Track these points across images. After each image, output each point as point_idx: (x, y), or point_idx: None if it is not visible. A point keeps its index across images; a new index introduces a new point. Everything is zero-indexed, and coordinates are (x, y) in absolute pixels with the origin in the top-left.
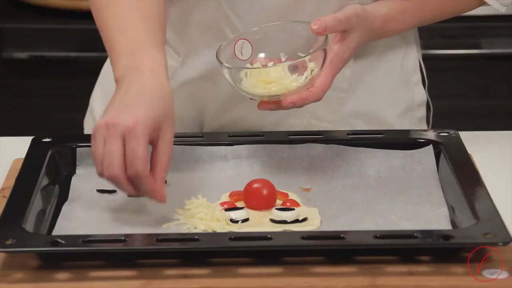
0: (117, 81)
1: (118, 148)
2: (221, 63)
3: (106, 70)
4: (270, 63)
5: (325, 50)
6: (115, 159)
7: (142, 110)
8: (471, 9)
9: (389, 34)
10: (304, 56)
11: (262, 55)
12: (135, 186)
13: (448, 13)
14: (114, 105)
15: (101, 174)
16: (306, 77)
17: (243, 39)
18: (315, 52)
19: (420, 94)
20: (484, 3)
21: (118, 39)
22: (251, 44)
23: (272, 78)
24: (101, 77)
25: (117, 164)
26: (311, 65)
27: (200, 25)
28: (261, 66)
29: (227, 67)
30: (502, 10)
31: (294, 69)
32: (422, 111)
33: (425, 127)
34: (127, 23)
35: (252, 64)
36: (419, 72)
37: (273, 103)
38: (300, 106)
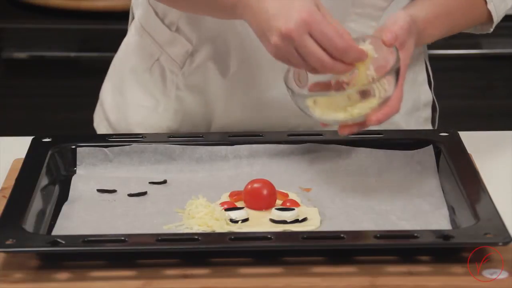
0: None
1: (313, 44)
2: (292, 92)
3: (115, 63)
4: (345, 89)
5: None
6: (316, 55)
7: (301, 1)
8: (481, 21)
9: (428, 40)
10: (383, 76)
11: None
12: (345, 61)
13: (471, 22)
14: (268, 20)
15: (312, 72)
16: (380, 93)
17: None
18: (391, 71)
19: (426, 94)
20: (490, 15)
21: None
22: (306, 72)
23: (352, 100)
24: (110, 70)
25: (321, 57)
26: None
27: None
28: (353, 90)
29: (303, 95)
30: (491, 28)
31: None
32: (428, 112)
33: (430, 127)
34: None
35: (310, 91)
36: (425, 72)
37: (356, 125)
38: (382, 122)
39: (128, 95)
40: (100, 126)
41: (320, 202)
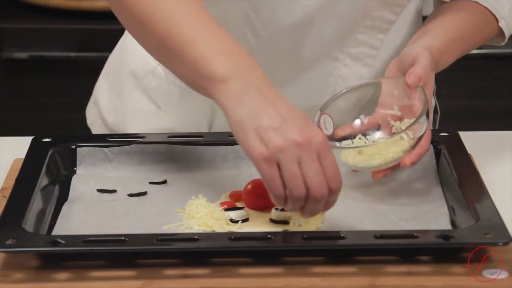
0: (223, 79)
1: (319, 167)
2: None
3: (111, 63)
4: (380, 137)
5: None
6: (321, 178)
7: (315, 126)
8: (491, 37)
9: (442, 67)
10: (415, 122)
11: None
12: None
13: (483, 40)
14: (277, 121)
15: (299, 198)
16: (407, 134)
17: (325, 113)
18: (421, 116)
19: None
20: (501, 30)
21: (203, 34)
22: (331, 118)
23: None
24: (106, 69)
25: (324, 182)
26: (406, 120)
27: (219, 21)
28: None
29: (341, 147)
30: (502, 42)
31: (379, 128)
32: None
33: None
34: (199, 17)
35: (336, 136)
36: None
37: (390, 169)
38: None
39: (126, 98)
40: (95, 125)
41: None
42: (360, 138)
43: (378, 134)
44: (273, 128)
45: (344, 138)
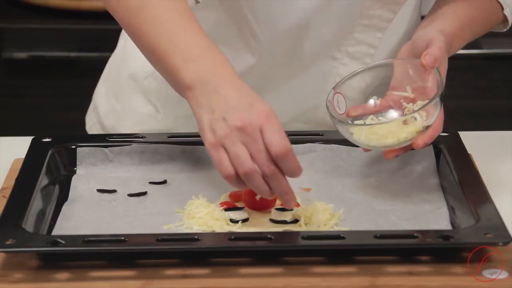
0: (189, 87)
1: (262, 145)
2: (336, 120)
3: (111, 67)
4: (394, 116)
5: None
6: (265, 154)
7: (262, 104)
8: (496, 24)
9: (453, 52)
10: (429, 102)
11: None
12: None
13: (489, 27)
14: (224, 111)
15: (247, 174)
16: (421, 115)
17: (338, 93)
18: (436, 97)
19: None
20: (505, 18)
21: (176, 42)
22: (344, 98)
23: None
24: (105, 74)
25: (266, 158)
26: (419, 102)
27: (219, 24)
28: (398, 118)
29: (347, 124)
30: (504, 28)
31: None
32: None
33: None
34: (177, 25)
35: (348, 116)
36: None
37: (402, 149)
38: (428, 145)
39: (125, 101)
40: (93, 129)
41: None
42: (372, 119)
43: (390, 116)
44: (221, 118)
45: (356, 118)
